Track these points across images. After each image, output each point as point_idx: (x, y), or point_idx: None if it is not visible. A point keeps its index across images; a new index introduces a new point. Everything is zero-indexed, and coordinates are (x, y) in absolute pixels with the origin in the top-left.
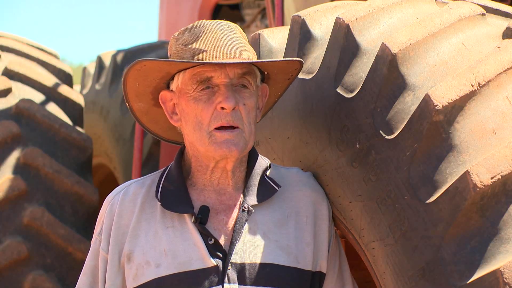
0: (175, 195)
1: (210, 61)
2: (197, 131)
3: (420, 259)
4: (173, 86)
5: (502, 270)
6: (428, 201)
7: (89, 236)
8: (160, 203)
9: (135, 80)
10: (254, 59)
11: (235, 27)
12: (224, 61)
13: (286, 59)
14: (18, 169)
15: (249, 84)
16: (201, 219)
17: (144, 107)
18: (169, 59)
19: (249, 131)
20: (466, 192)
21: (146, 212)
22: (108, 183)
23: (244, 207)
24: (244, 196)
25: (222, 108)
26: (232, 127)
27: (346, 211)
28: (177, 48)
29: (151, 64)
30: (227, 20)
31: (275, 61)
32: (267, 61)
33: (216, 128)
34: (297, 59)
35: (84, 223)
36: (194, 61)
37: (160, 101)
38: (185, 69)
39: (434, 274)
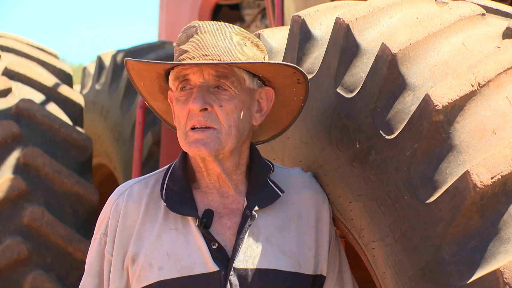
0: (180, 196)
1: (171, 62)
2: (178, 131)
3: (420, 259)
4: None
5: (502, 270)
6: (428, 201)
7: (89, 236)
8: (165, 204)
9: (138, 79)
10: (238, 61)
11: (228, 27)
12: (187, 62)
13: (248, 61)
14: (18, 169)
15: (228, 87)
16: (205, 223)
17: (162, 106)
18: (144, 60)
19: (226, 132)
20: (466, 192)
21: (150, 213)
22: (108, 183)
23: (247, 212)
24: (247, 200)
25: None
26: (206, 127)
27: (346, 211)
28: (174, 48)
29: (138, 64)
30: (227, 20)
31: (241, 63)
32: (230, 63)
33: (192, 128)
34: (274, 62)
35: (84, 223)
36: (170, 62)
37: (169, 101)
38: (173, 69)
39: (434, 274)
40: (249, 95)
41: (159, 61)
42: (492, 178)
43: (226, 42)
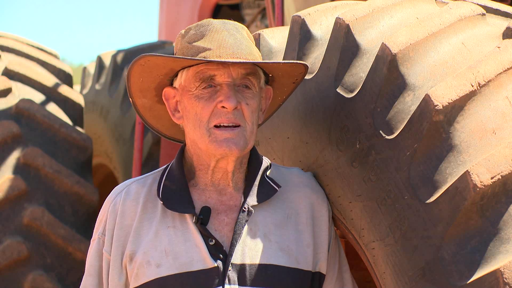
0: (177, 194)
1: (213, 59)
2: (197, 128)
3: (420, 259)
4: (176, 83)
5: (502, 270)
6: (428, 201)
7: (89, 236)
8: (162, 202)
9: (139, 76)
10: (259, 60)
11: (241, 27)
12: (227, 60)
13: (290, 61)
14: (18, 169)
15: (252, 85)
16: (202, 219)
17: (147, 103)
18: (173, 55)
19: (250, 130)
20: (466, 192)
21: (148, 212)
22: (108, 183)
23: (244, 208)
24: (245, 196)
25: (223, 107)
26: (233, 126)
27: (346, 211)
28: (182, 45)
29: (155, 59)
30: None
31: (279, 62)
32: (271, 62)
33: (216, 126)
34: (302, 62)
35: (84, 223)
36: (197, 58)
37: (163, 98)
38: (189, 66)
39: (434, 274)
40: (260, 93)
41: (194, 58)
42: (492, 178)
43: (245, 41)
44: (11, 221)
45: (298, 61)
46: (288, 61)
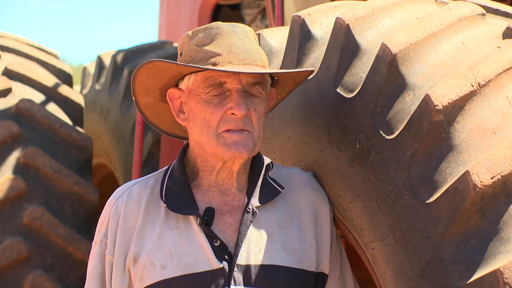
0: (180, 196)
1: (225, 68)
2: (204, 133)
3: (420, 259)
4: (182, 85)
5: (502, 270)
6: (428, 201)
7: (89, 236)
8: (165, 204)
9: (145, 77)
10: (267, 65)
11: (249, 30)
12: (239, 69)
13: (301, 69)
14: (18, 169)
15: (260, 93)
16: (207, 220)
17: (150, 101)
18: (184, 63)
19: (258, 135)
20: (466, 192)
21: (151, 213)
22: (108, 183)
23: (249, 209)
24: (248, 197)
25: (233, 113)
26: (241, 130)
27: (346, 211)
28: (190, 47)
29: (165, 64)
30: (227, 20)
31: (290, 71)
32: (282, 72)
33: (224, 131)
34: (311, 69)
35: (84, 223)
36: (209, 67)
37: (167, 98)
38: (198, 70)
39: (434, 274)
40: (267, 98)
41: (206, 67)
42: (492, 178)
43: (254, 45)
44: (11, 221)
45: (307, 69)
46: (298, 69)
